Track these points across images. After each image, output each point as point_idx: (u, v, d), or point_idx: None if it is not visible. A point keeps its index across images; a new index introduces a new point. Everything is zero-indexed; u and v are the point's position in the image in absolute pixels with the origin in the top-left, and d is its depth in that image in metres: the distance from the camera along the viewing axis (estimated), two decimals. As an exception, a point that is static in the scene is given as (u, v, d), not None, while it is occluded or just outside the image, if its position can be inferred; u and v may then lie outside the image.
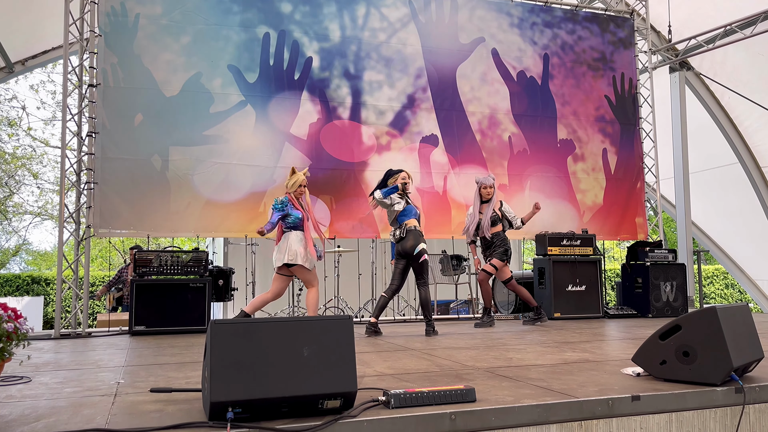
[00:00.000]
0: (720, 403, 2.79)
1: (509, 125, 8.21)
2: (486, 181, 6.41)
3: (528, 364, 3.69)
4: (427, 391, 2.51)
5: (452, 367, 3.65)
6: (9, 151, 19.02)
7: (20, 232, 21.90)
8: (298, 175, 5.58)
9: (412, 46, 7.89)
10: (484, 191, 6.39)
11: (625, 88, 8.89)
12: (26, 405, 2.68)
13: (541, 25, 8.55)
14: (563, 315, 7.25)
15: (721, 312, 2.87)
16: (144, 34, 6.82)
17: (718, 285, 19.08)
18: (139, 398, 2.81)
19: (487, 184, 6.39)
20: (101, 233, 6.49)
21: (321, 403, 2.34)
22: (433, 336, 5.43)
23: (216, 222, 6.91)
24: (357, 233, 7.49)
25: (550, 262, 7.36)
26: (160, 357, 4.32)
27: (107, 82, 6.62)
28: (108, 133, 6.57)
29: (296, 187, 5.57)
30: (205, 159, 6.91)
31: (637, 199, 8.76)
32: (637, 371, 3.18)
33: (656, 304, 7.60)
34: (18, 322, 2.58)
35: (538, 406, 2.52)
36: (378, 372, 3.47)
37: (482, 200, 6.43)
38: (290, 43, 7.40)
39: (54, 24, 7.93)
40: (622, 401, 2.64)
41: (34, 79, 19.18)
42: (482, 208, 6.42)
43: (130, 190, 6.61)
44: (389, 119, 7.70)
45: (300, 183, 5.57)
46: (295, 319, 2.43)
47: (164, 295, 6.09)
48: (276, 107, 7.25)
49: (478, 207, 6.42)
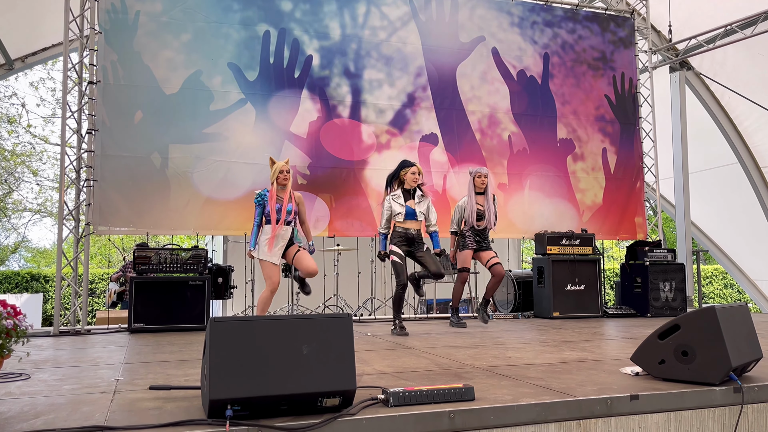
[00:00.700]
0: (719, 403, 2.79)
1: (509, 124, 8.21)
2: (480, 170, 6.25)
3: (527, 363, 3.69)
4: (426, 390, 2.52)
5: (451, 365, 3.65)
6: (9, 149, 19.01)
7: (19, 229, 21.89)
8: (278, 164, 5.36)
9: (412, 44, 7.88)
10: (478, 180, 6.20)
11: (625, 87, 8.89)
12: (25, 402, 2.68)
13: (541, 24, 8.55)
14: (562, 314, 7.26)
15: (720, 312, 2.87)
16: (144, 31, 6.82)
17: (717, 285, 19.10)
18: (138, 395, 2.81)
19: (481, 173, 6.21)
20: (100, 230, 6.49)
21: (320, 401, 2.34)
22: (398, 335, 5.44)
23: (215, 220, 6.91)
24: (356, 231, 7.49)
25: (550, 261, 7.36)
26: (159, 354, 4.32)
27: (107, 80, 6.62)
28: (108, 130, 6.57)
29: (276, 174, 5.33)
30: (205, 157, 6.90)
31: (636, 199, 8.76)
32: (635, 370, 3.18)
33: (655, 303, 7.61)
34: (17, 319, 2.58)
35: (536, 405, 2.53)
36: (377, 370, 3.47)
37: (476, 191, 6.24)
38: (290, 41, 7.39)
39: (54, 21, 7.91)
40: (621, 400, 2.64)
41: (34, 76, 19.21)
42: (479, 199, 6.23)
43: (129, 188, 6.61)
44: (389, 118, 7.70)
45: (279, 169, 5.32)
46: (295, 317, 2.43)
47: (164, 292, 6.09)
48: (276, 105, 7.24)
49: (474, 198, 6.21)
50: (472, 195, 6.22)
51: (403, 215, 5.56)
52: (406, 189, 5.64)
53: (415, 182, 5.62)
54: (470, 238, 6.23)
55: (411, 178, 5.59)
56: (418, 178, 5.62)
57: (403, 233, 5.56)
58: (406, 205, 5.59)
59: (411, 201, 5.62)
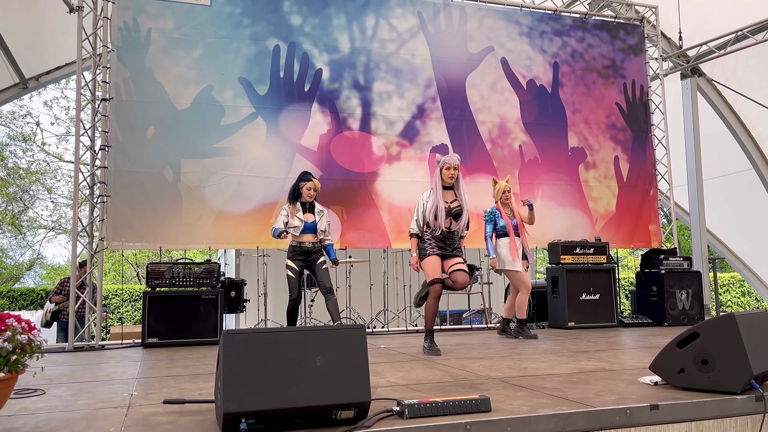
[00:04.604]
0: (740, 412, 2.74)
1: (519, 134, 8.19)
2: (450, 160, 4.97)
3: (543, 374, 3.65)
4: (442, 401, 2.49)
5: (466, 377, 3.61)
6: (24, 167, 19.25)
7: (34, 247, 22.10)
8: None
9: (421, 56, 7.90)
10: (446, 173, 4.97)
11: (636, 95, 8.84)
12: (40, 417, 2.68)
13: (550, 34, 8.54)
14: (577, 324, 7.18)
15: (740, 319, 2.82)
16: (156, 48, 6.89)
17: (735, 293, 18.85)
18: (152, 410, 2.80)
19: (451, 164, 4.96)
20: (114, 246, 6.52)
21: (334, 414, 2.32)
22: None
23: (228, 233, 6.93)
24: (368, 243, 7.48)
25: (564, 270, 7.30)
26: (173, 369, 4.31)
27: (120, 96, 6.68)
28: (120, 146, 6.63)
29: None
30: (217, 171, 6.94)
31: (650, 207, 8.68)
32: (654, 380, 3.13)
33: (672, 312, 7.51)
34: (32, 334, 2.59)
35: (554, 416, 2.49)
36: (391, 382, 3.44)
37: (444, 185, 5.01)
38: (300, 55, 7.44)
39: (67, 40, 8.02)
40: (641, 410, 2.60)
41: (48, 95, 19.43)
42: (447, 195, 5.01)
43: (142, 203, 6.65)
44: (399, 129, 7.71)
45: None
46: (308, 329, 2.41)
47: (177, 306, 6.10)
48: (286, 119, 7.28)
49: (440, 193, 4.95)
50: (439, 190, 4.96)
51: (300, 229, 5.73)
52: (303, 202, 5.82)
53: (311, 198, 5.80)
54: (431, 242, 4.99)
55: (306, 193, 5.78)
56: (312, 194, 5.79)
57: (298, 246, 5.76)
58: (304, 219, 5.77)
59: (309, 215, 5.81)
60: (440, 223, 4.92)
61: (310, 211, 5.82)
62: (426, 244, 5.00)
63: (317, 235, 5.79)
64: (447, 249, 4.99)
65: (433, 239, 4.98)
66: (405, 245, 7.64)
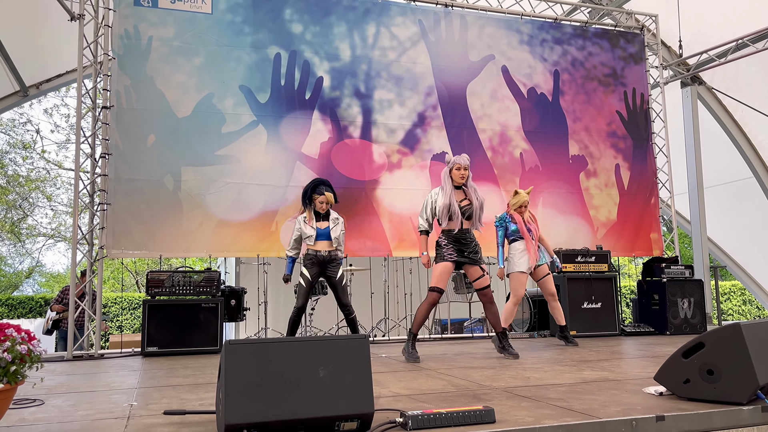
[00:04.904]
0: (746, 423, 2.71)
1: (520, 142, 8.19)
2: (460, 160, 5.00)
3: (546, 384, 3.61)
4: (446, 412, 2.46)
5: (469, 387, 3.58)
6: (23, 174, 19.25)
7: (33, 254, 22.07)
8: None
9: (422, 64, 7.91)
10: (457, 174, 4.99)
11: (636, 103, 8.85)
12: (39, 428, 2.65)
13: (551, 42, 8.56)
14: (579, 333, 7.14)
15: (745, 329, 2.80)
16: (157, 56, 6.89)
17: (736, 301, 18.82)
18: (152, 421, 2.77)
19: (461, 164, 4.99)
20: (114, 254, 6.50)
21: (337, 425, 2.29)
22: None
23: (228, 241, 6.90)
24: (369, 251, 7.45)
25: (565, 279, 7.27)
26: (173, 378, 4.28)
27: (120, 104, 6.68)
28: (121, 154, 6.61)
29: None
30: (217, 179, 6.93)
31: (651, 215, 8.67)
32: (659, 390, 3.10)
33: (674, 321, 7.48)
34: (31, 344, 2.56)
35: (559, 427, 2.46)
36: (393, 393, 3.41)
37: (455, 185, 5.04)
38: (301, 63, 7.44)
39: (68, 48, 8.03)
40: (647, 422, 2.57)
41: (48, 103, 19.46)
42: (458, 194, 5.02)
43: (142, 211, 6.63)
44: (400, 137, 7.70)
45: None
46: (311, 339, 2.39)
47: (176, 315, 6.06)
48: (287, 127, 7.27)
49: (450, 192, 4.97)
50: (448, 190, 5.00)
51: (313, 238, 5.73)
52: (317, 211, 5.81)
53: (323, 210, 5.78)
54: (448, 246, 5.00)
55: (319, 206, 5.75)
56: (325, 207, 5.76)
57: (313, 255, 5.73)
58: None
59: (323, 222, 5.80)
60: (455, 223, 4.95)
61: (325, 218, 5.79)
62: (444, 249, 5.01)
63: (332, 243, 5.74)
64: (464, 251, 4.99)
65: (450, 242, 4.99)
66: (406, 253, 7.61)
